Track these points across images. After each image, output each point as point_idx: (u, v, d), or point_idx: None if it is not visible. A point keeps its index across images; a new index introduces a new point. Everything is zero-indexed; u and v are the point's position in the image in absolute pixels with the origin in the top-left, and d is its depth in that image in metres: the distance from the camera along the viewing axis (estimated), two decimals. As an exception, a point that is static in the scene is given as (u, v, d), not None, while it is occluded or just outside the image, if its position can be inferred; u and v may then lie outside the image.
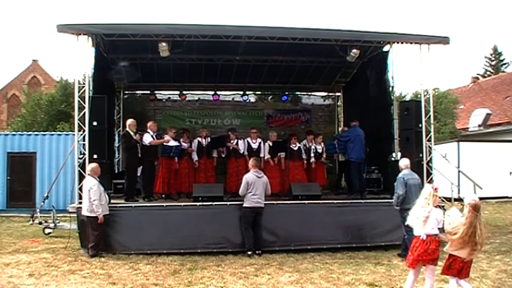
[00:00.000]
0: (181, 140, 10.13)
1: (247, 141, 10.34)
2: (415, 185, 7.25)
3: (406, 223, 5.51)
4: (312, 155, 10.54)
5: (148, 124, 9.51)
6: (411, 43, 9.40)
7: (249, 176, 7.98)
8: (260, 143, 10.36)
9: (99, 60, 9.39)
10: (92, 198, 7.51)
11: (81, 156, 8.42)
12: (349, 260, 7.49)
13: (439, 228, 5.10)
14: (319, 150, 10.65)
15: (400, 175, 7.47)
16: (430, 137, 9.41)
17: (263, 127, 13.29)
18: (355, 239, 8.36)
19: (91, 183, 7.61)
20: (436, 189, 5.14)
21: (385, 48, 10.47)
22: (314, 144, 10.66)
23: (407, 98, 20.09)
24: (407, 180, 7.31)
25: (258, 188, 7.90)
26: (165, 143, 9.54)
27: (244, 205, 7.95)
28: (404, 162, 7.67)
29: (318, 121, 14.34)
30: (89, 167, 7.85)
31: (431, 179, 9.20)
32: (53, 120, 19.21)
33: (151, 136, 9.30)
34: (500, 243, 8.70)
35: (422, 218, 5.02)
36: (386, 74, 10.42)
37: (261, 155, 10.18)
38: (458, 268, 4.91)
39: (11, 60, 56.46)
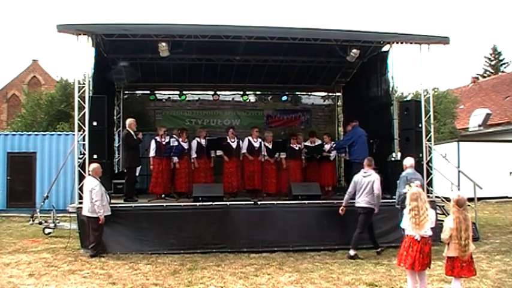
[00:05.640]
0: (180, 139, 10.13)
1: (249, 139, 10.28)
2: None
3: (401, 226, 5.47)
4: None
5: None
6: (411, 43, 9.40)
7: (357, 176, 7.78)
8: (261, 142, 10.31)
9: (99, 60, 9.38)
10: (94, 198, 7.49)
11: (81, 156, 8.42)
12: (349, 260, 7.48)
13: (432, 228, 5.10)
14: (326, 150, 10.61)
15: (403, 174, 7.51)
16: (430, 137, 9.40)
17: (263, 127, 13.27)
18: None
19: (93, 184, 7.59)
20: (420, 185, 5.13)
21: (385, 48, 10.47)
22: (324, 143, 10.63)
23: (408, 98, 20.08)
24: (410, 179, 7.30)
25: (362, 187, 7.62)
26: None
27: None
28: (409, 161, 7.72)
29: (318, 121, 14.35)
30: (91, 167, 7.83)
31: (431, 179, 9.20)
32: (53, 120, 19.24)
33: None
34: (500, 243, 8.69)
35: (420, 220, 5.00)
36: (386, 74, 10.42)
37: (263, 153, 10.16)
38: (460, 266, 4.89)
39: (11, 60, 56.55)
